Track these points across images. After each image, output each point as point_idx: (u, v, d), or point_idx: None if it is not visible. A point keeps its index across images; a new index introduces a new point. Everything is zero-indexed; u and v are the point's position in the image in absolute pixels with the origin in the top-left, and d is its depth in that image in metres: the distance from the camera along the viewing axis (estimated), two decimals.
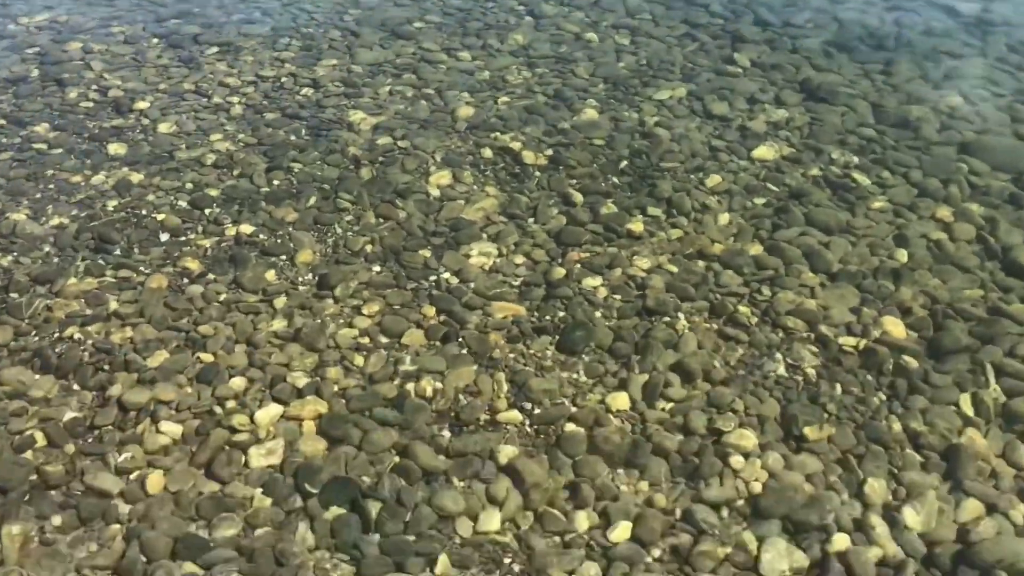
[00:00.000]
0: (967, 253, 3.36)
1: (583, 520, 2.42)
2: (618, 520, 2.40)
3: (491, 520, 2.42)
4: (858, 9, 5.30)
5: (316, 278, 3.24)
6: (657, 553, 2.32)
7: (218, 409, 2.69)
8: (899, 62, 4.70)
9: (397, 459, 2.56)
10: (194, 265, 3.28)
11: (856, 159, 3.90)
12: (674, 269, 3.29)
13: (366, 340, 2.97)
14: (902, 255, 3.35)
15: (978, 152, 3.92)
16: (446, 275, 3.25)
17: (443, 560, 2.29)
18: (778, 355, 2.92)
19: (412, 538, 2.35)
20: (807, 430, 2.63)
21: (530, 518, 2.43)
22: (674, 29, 5.12)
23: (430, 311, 3.09)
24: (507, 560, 2.32)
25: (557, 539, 2.38)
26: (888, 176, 3.79)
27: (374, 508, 2.41)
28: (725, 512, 2.43)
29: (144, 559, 2.27)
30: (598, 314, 3.09)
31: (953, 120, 4.17)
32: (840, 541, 2.33)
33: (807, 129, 4.14)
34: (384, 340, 2.98)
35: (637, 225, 3.50)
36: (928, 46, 4.88)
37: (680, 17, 5.25)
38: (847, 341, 2.96)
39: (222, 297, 3.14)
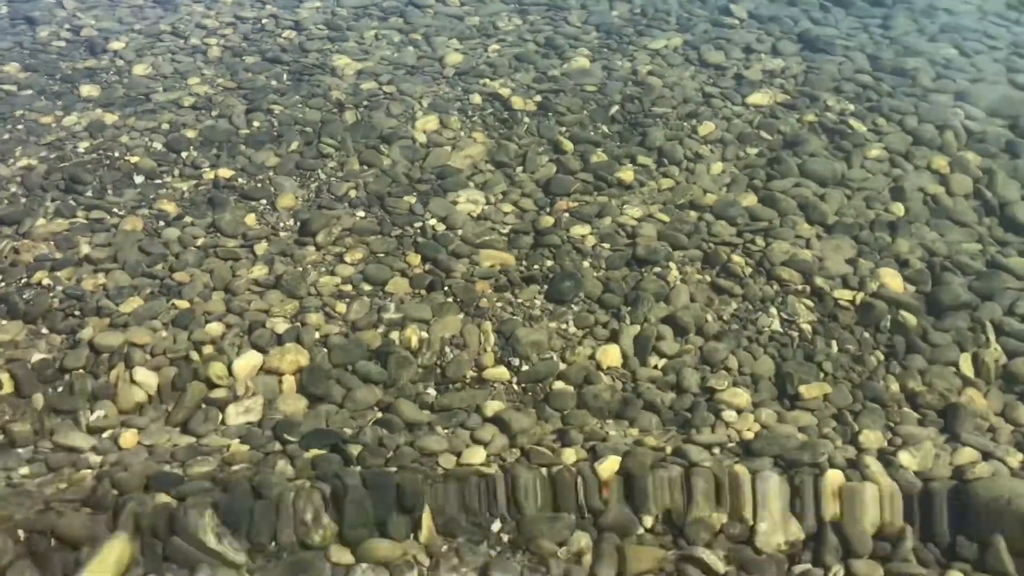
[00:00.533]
0: (964, 207, 3.28)
1: (570, 455, 2.34)
2: (606, 454, 2.31)
3: (476, 455, 2.34)
4: None
5: (298, 224, 3.13)
6: (650, 522, 2.22)
7: (195, 355, 2.58)
8: (896, 16, 4.59)
9: (380, 414, 2.48)
10: (170, 207, 3.15)
11: (852, 106, 3.80)
12: (666, 219, 3.20)
13: (349, 288, 2.87)
14: (899, 208, 3.26)
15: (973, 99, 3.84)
16: (432, 221, 3.15)
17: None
18: (772, 309, 2.85)
19: (394, 469, 2.26)
20: (802, 388, 2.56)
21: (516, 453, 2.35)
22: None
23: (415, 259, 2.99)
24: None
25: (544, 471, 2.27)
26: (884, 123, 3.69)
27: (355, 450, 2.33)
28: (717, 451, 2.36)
29: (116, 492, 2.17)
30: (587, 263, 3.00)
31: (948, 70, 4.08)
32: (833, 477, 2.25)
33: (803, 77, 4.03)
34: (367, 288, 2.88)
35: (627, 174, 3.40)
36: (925, 3, 4.76)
37: None
38: (843, 295, 2.88)
39: (199, 241, 3.02)
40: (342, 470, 2.24)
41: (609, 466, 2.27)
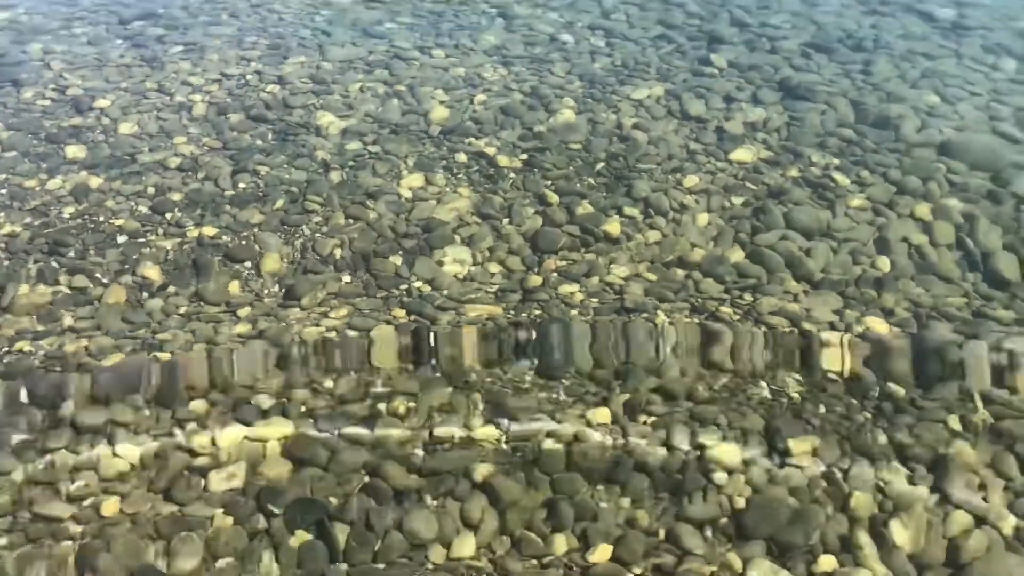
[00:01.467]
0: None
1: (561, 543, 2.30)
2: (597, 541, 2.28)
3: (466, 544, 2.30)
4: (835, 12, 5.26)
5: (283, 290, 3.11)
6: (639, 571, 2.21)
7: (178, 431, 2.55)
8: (877, 62, 4.64)
9: (367, 478, 2.44)
10: (154, 275, 3.14)
11: (836, 160, 3.82)
12: (653, 277, 3.19)
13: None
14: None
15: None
16: (418, 284, 3.14)
17: None
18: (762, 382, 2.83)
19: (382, 566, 2.23)
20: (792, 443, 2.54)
21: (506, 543, 2.31)
22: (649, 30, 5.04)
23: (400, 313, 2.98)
24: None
25: (535, 562, 2.27)
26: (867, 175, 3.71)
27: (342, 534, 2.29)
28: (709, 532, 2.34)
29: None
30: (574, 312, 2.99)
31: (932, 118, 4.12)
32: (826, 562, 2.23)
33: (786, 130, 4.06)
34: None
35: (614, 226, 3.40)
36: (904, 48, 4.83)
37: (656, 18, 5.18)
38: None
39: (183, 310, 3.01)
40: (328, 568, 2.21)
41: (600, 555, 2.26)
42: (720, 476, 2.45)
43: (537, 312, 2.99)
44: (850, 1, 5.44)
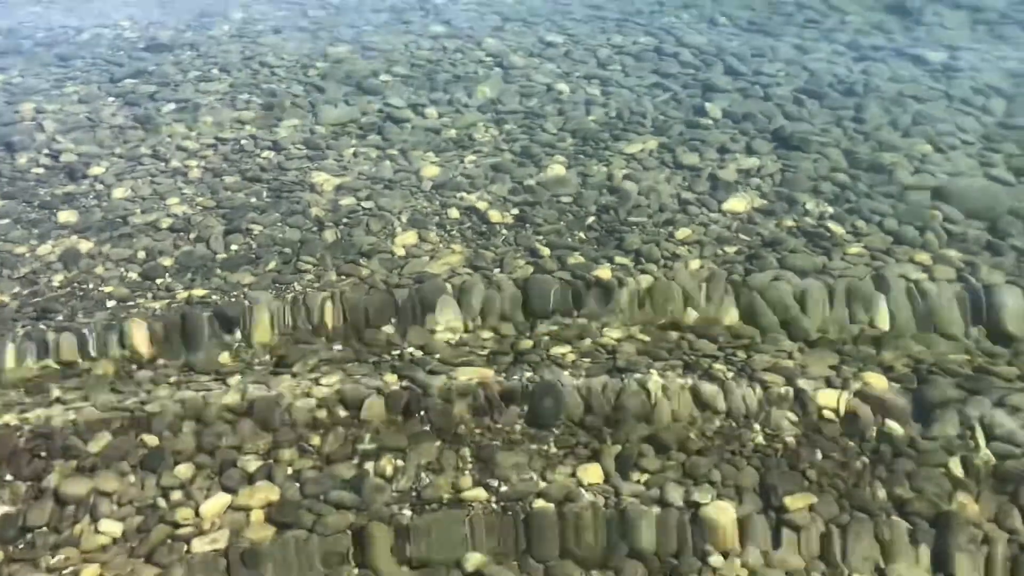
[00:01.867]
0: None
1: None
2: None
3: None
4: (826, 59, 5.27)
5: (273, 359, 3.09)
6: None
7: (162, 502, 2.53)
8: (868, 107, 4.64)
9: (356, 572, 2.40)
10: (143, 347, 3.11)
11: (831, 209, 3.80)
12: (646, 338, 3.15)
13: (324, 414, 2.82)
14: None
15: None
16: (410, 350, 3.11)
17: None
18: (756, 425, 2.79)
19: None
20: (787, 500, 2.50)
21: None
22: (644, 79, 5.06)
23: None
24: None
25: None
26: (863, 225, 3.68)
27: None
28: None
29: None
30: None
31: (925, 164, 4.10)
32: None
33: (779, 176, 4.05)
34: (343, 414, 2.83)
35: (605, 272, 3.39)
36: (895, 91, 4.83)
37: (650, 68, 5.21)
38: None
39: (172, 379, 2.98)
40: None
41: None
42: (716, 559, 2.40)
43: (528, 375, 2.95)
44: (842, 47, 5.46)
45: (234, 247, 3.61)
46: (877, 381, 2.88)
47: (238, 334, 3.18)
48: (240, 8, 6.39)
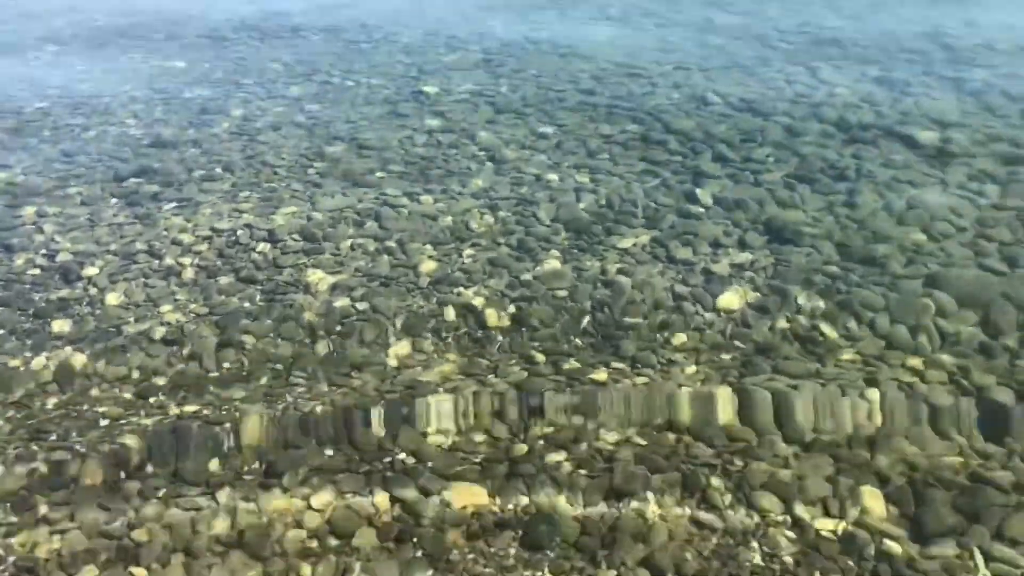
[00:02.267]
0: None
1: None
2: None
3: None
4: (816, 142, 5.32)
5: (264, 466, 3.06)
6: None
7: None
8: (861, 191, 4.66)
9: None
10: (132, 456, 3.09)
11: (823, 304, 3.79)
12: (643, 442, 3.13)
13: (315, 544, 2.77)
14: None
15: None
16: (401, 456, 3.09)
17: None
18: (753, 544, 2.74)
19: None
20: None
21: None
22: (633, 167, 5.11)
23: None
24: None
25: None
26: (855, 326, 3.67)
27: None
28: None
29: None
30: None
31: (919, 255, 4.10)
32: None
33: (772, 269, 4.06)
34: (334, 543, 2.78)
35: (601, 375, 3.40)
36: (888, 176, 4.85)
37: (639, 155, 5.27)
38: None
39: (161, 493, 2.95)
40: None
41: None
42: None
43: (524, 503, 2.92)
44: (832, 129, 5.50)
45: (226, 364, 3.60)
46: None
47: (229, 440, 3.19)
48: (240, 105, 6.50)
